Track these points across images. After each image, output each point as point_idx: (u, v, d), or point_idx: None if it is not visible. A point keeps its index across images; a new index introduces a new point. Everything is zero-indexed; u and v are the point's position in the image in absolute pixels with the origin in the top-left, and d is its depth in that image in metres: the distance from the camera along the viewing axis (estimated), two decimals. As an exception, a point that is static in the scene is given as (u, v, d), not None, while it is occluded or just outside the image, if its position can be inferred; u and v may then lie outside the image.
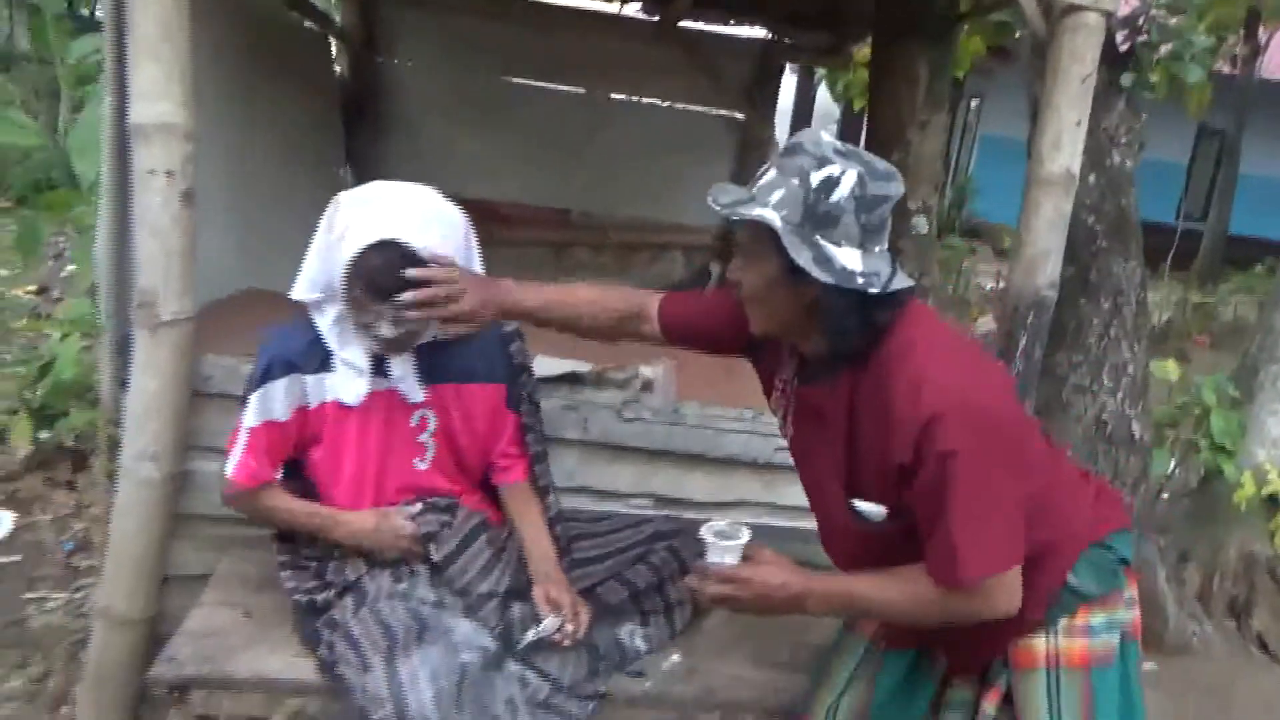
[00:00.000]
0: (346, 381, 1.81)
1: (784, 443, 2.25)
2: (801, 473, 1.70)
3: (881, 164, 1.41)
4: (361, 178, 4.50)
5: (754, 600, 1.52)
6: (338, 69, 4.46)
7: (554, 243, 4.92)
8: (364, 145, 4.51)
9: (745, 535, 1.56)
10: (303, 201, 4.01)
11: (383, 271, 1.65)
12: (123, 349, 2.05)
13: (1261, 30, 9.21)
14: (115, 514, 2.05)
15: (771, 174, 1.40)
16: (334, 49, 4.44)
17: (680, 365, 2.57)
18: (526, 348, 2.04)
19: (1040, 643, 1.52)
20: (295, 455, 1.88)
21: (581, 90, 4.81)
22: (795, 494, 2.31)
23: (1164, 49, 3.58)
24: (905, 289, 1.41)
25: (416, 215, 1.75)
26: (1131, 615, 1.57)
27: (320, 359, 1.81)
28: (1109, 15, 2.08)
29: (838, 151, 1.37)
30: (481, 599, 1.84)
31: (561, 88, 4.78)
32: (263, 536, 2.10)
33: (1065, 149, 2.14)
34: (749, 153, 4.93)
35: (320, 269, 1.78)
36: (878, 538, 1.52)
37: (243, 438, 1.82)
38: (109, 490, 2.10)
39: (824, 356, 1.49)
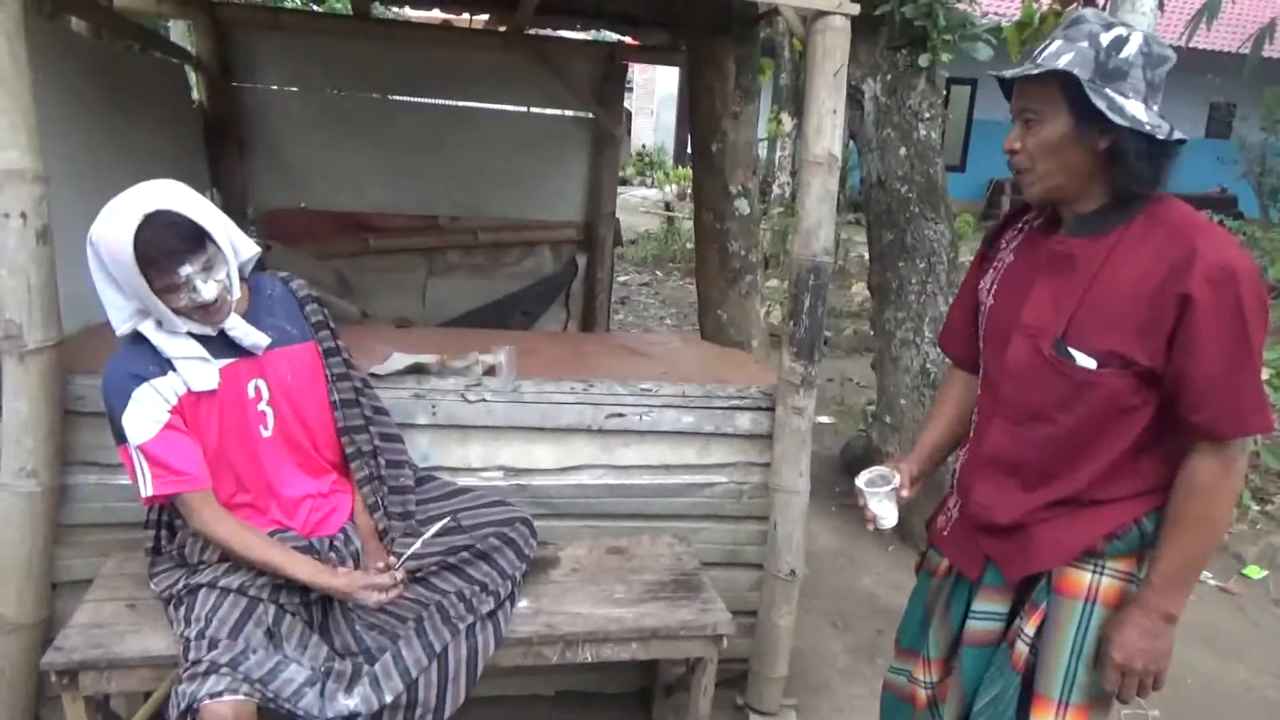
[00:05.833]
0: (196, 372, 1.92)
1: (619, 410, 2.57)
2: (1001, 326, 1.69)
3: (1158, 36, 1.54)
4: (229, 199, 4.66)
5: (1151, 653, 1.54)
6: (196, 97, 4.58)
7: (425, 248, 5.12)
8: (229, 168, 4.64)
9: (896, 480, 1.79)
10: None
11: (163, 236, 1.76)
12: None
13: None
14: (-1, 527, 2.21)
15: (1057, 44, 1.50)
16: (192, 78, 4.55)
17: (525, 350, 2.83)
18: (322, 308, 2.18)
19: (1087, 577, 1.61)
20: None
21: (441, 101, 4.98)
22: (628, 455, 2.61)
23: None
24: (1181, 141, 1.49)
25: (163, 190, 1.82)
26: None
27: (156, 364, 1.90)
28: (849, 17, 2.39)
29: (1120, 22, 1.52)
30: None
31: (421, 100, 4.95)
32: (141, 539, 2.30)
33: (826, 133, 2.42)
34: (601, 148, 5.19)
35: (116, 291, 1.87)
36: (1071, 386, 1.55)
37: (138, 459, 1.88)
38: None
39: (1098, 210, 1.56)
